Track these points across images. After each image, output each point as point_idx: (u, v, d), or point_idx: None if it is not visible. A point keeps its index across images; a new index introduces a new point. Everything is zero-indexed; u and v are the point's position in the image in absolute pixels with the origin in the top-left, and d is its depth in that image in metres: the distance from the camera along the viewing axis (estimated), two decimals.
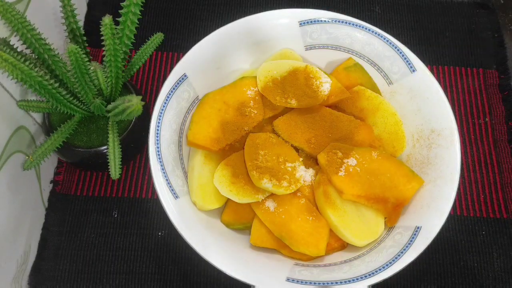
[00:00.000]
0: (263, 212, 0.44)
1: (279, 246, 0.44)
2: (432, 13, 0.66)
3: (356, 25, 0.49)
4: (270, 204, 0.44)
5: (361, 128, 0.47)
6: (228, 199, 0.45)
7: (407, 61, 0.48)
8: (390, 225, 0.44)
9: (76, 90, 0.46)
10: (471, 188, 0.56)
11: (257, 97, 0.47)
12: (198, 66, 0.48)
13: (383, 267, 0.40)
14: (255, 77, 0.48)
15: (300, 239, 0.43)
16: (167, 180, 0.43)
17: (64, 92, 0.45)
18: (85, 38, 0.49)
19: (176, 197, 0.43)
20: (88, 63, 0.43)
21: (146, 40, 0.50)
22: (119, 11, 0.44)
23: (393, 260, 0.40)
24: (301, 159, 0.45)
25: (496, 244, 0.53)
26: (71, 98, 0.47)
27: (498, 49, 0.64)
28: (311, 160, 0.47)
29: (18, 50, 0.44)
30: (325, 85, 0.46)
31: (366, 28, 0.49)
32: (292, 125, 0.47)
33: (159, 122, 0.45)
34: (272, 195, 0.44)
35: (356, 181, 0.43)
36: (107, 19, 0.42)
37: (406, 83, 0.49)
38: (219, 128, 0.46)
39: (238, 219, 0.46)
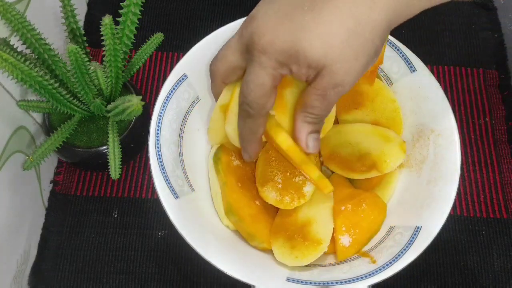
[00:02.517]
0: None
1: None
2: (432, 13, 0.66)
3: None
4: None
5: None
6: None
7: (407, 61, 0.48)
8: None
9: (76, 90, 0.46)
10: (471, 188, 0.56)
11: None
12: (198, 66, 0.48)
13: (383, 267, 0.40)
14: None
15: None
16: (167, 180, 0.43)
17: (64, 92, 0.45)
18: (85, 38, 0.49)
19: (176, 197, 0.43)
20: (88, 63, 0.43)
21: (146, 40, 0.50)
22: (119, 11, 0.44)
23: (393, 260, 0.40)
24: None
25: (496, 244, 0.53)
26: (71, 98, 0.47)
27: (498, 49, 0.64)
28: None
29: (18, 50, 0.44)
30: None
31: None
32: None
33: (159, 122, 0.45)
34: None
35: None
36: (107, 19, 0.42)
37: (406, 83, 0.48)
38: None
39: None
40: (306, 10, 0.33)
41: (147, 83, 0.61)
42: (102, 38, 0.43)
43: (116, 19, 0.44)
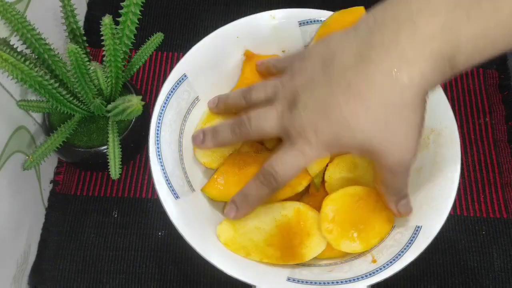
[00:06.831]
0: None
1: None
2: None
3: None
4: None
5: None
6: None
7: None
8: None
9: (76, 90, 0.46)
10: (471, 188, 0.56)
11: None
12: (198, 66, 0.48)
13: (383, 267, 0.40)
14: None
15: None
16: (167, 180, 0.43)
17: (64, 92, 0.45)
18: (85, 38, 0.49)
19: (176, 197, 0.43)
20: (88, 63, 0.43)
21: (146, 40, 0.51)
22: (119, 11, 0.44)
23: (393, 260, 0.40)
24: None
25: (496, 244, 0.53)
26: (71, 98, 0.47)
27: None
28: None
29: (18, 50, 0.44)
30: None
31: None
32: None
33: (159, 122, 0.45)
34: None
35: None
36: (107, 19, 0.42)
37: None
38: None
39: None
40: (343, 105, 0.34)
41: (147, 83, 0.61)
42: (102, 38, 0.43)
43: (116, 19, 0.44)
